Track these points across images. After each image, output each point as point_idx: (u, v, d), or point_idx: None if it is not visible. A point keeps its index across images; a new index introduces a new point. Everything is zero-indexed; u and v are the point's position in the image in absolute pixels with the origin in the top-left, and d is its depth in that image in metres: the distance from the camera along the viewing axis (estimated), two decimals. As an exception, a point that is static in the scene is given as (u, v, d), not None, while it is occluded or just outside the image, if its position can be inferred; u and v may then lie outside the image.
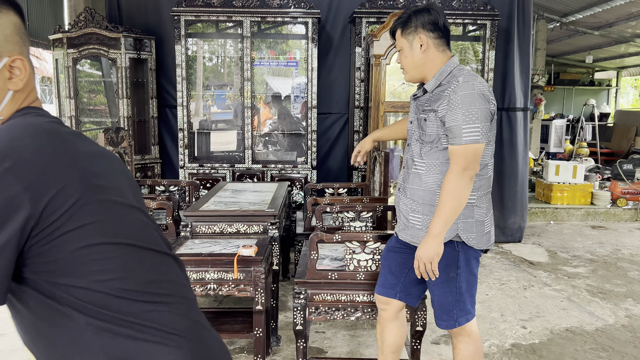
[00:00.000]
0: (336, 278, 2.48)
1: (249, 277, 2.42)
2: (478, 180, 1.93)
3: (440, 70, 1.95)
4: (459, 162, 1.84)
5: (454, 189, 1.84)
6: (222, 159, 5.14)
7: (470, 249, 1.96)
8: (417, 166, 2.01)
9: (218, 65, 5.99)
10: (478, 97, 1.82)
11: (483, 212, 1.98)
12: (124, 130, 3.79)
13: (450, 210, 1.85)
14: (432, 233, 1.88)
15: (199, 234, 2.89)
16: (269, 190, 3.61)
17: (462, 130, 1.83)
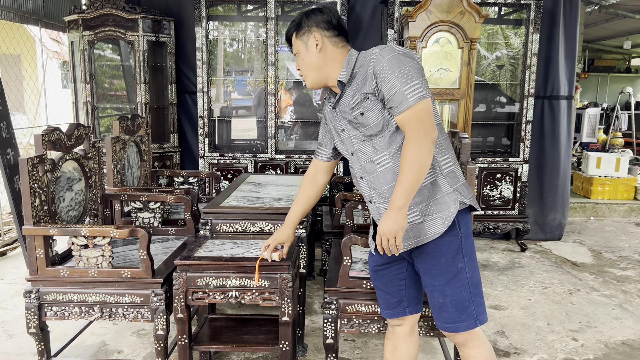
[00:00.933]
0: (372, 287, 2.20)
1: (274, 284, 2.16)
2: (444, 140, 1.80)
3: (346, 60, 1.82)
4: (414, 126, 1.64)
5: (416, 155, 1.63)
6: (243, 148, 4.89)
7: (466, 217, 1.80)
8: (381, 162, 1.80)
9: (239, 51, 5.73)
10: (403, 57, 1.67)
11: (458, 170, 1.84)
12: (140, 118, 3.55)
13: (413, 180, 1.64)
14: (396, 206, 1.67)
15: (219, 233, 2.63)
16: (294, 184, 3.34)
17: (404, 92, 1.64)
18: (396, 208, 1.66)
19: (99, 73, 4.86)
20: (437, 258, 1.78)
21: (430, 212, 1.76)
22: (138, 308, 2.31)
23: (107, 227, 2.26)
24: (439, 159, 1.77)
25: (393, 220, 1.67)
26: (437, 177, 1.76)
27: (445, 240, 1.76)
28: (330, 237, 3.14)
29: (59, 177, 2.50)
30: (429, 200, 1.76)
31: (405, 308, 1.93)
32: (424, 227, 1.77)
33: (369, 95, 1.72)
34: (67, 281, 2.31)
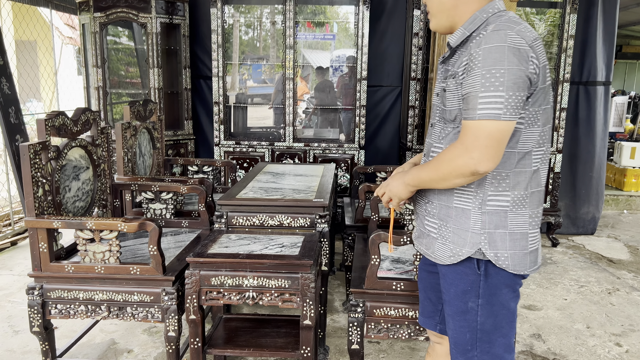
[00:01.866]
0: (402, 289, 2.00)
1: (295, 285, 1.96)
2: (514, 175, 1.39)
3: (473, 16, 1.41)
4: (466, 140, 1.32)
5: (447, 164, 1.36)
6: (260, 136, 4.69)
7: (501, 272, 1.42)
8: (434, 154, 1.52)
9: (254, 39, 5.51)
10: (509, 53, 1.27)
11: (524, 221, 1.41)
12: (152, 103, 3.36)
13: (429, 178, 1.43)
14: (407, 178, 1.51)
15: (235, 227, 2.45)
16: (314, 174, 3.13)
17: (477, 100, 1.29)
18: (406, 179, 1.50)
19: (114, 60, 4.68)
20: (448, 284, 1.50)
21: (445, 234, 1.47)
22: (148, 307, 2.14)
23: (115, 220, 2.08)
24: (489, 192, 1.40)
25: (396, 185, 1.54)
26: (471, 207, 1.41)
27: (459, 269, 1.46)
28: (353, 232, 2.93)
29: (64, 166, 2.33)
30: (448, 224, 1.46)
31: (437, 324, 1.69)
32: (434, 245, 1.51)
33: (457, 74, 1.39)
34: (72, 277, 2.14)
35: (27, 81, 7.49)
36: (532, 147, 1.39)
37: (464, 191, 1.42)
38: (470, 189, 1.41)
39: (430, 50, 3.91)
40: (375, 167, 3.50)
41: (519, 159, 1.39)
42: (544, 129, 1.40)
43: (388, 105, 4.71)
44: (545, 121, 1.40)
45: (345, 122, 4.69)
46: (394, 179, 1.57)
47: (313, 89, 4.93)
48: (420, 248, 1.59)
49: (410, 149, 4.30)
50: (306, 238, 2.23)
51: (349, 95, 4.54)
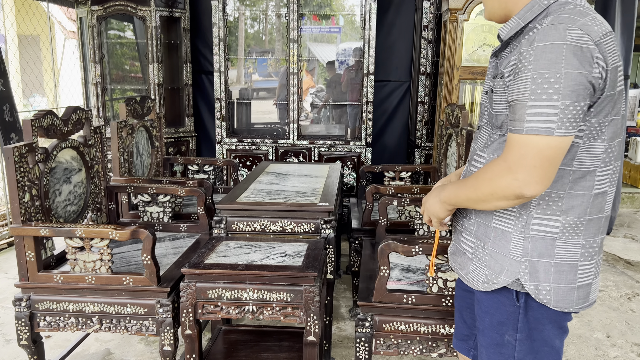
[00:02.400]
0: (414, 302, 1.86)
1: (298, 298, 1.82)
2: (567, 198, 1.18)
3: (531, 3, 1.18)
4: (509, 156, 1.12)
5: (486, 184, 1.17)
6: (264, 133, 4.54)
7: (542, 307, 1.22)
8: (477, 163, 1.33)
9: (260, 32, 5.36)
10: (568, 53, 1.05)
11: (575, 252, 1.20)
12: (150, 100, 3.22)
13: (467, 197, 1.26)
14: (442, 197, 1.36)
15: (235, 232, 2.31)
16: (319, 175, 2.99)
17: (526, 109, 1.09)
18: (443, 197, 1.35)
19: (118, 54, 4.55)
20: (482, 312, 1.32)
21: (481, 256, 1.29)
22: (142, 320, 2.01)
23: (105, 228, 1.94)
24: (534, 215, 1.20)
25: (432, 203, 1.40)
26: (512, 229, 1.23)
27: (495, 298, 1.28)
28: (360, 235, 2.79)
29: (53, 168, 2.20)
30: (486, 245, 1.28)
31: (470, 349, 1.52)
32: (469, 267, 1.33)
33: (504, 75, 1.19)
34: (61, 288, 2.01)
35: (30, 77, 7.38)
36: (595, 165, 1.17)
37: (505, 210, 1.24)
38: (513, 209, 1.22)
39: (441, 44, 3.74)
40: (383, 167, 3.35)
41: (576, 179, 1.17)
42: (612, 144, 1.17)
43: (396, 101, 4.55)
44: (614, 134, 1.16)
45: (351, 118, 4.54)
46: (431, 195, 1.42)
47: (319, 84, 4.77)
48: (454, 267, 1.42)
49: (419, 146, 4.14)
50: (310, 246, 2.09)
51: (355, 91, 4.38)
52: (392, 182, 3.34)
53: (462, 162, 2.75)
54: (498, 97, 1.22)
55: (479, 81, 3.49)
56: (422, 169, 3.40)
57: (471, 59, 3.41)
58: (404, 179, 3.33)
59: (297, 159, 4.20)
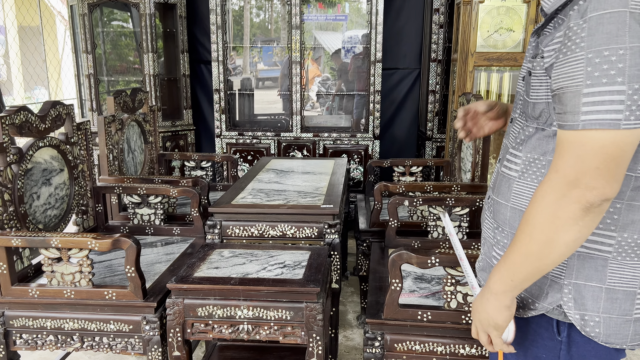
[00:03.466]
0: (430, 319, 1.64)
1: (299, 316, 1.62)
2: (627, 210, 0.95)
3: None
4: (562, 163, 0.88)
5: (546, 216, 0.89)
6: (266, 125, 4.32)
7: (589, 343, 1.01)
8: (510, 161, 1.08)
9: (265, 21, 5.12)
10: (632, 23, 0.81)
11: (633, 276, 0.97)
12: (142, 92, 3.01)
13: (530, 254, 0.93)
14: (491, 288, 1.01)
15: (231, 237, 2.10)
16: (323, 172, 2.77)
17: (580, 97, 0.85)
18: (492, 290, 1.01)
19: (114, 44, 4.33)
20: (522, 339, 1.09)
21: None
22: (127, 337, 1.81)
23: (84, 237, 1.74)
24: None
25: (483, 308, 1.03)
26: None
27: (531, 327, 1.07)
28: (368, 237, 2.57)
29: (29, 170, 2.00)
30: None
31: None
32: None
33: (544, 53, 0.98)
34: (37, 303, 1.82)
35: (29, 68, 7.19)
36: None
37: None
38: None
39: (453, 28, 3.49)
40: (392, 161, 3.12)
41: (638, 188, 0.94)
42: None
43: (405, 90, 4.31)
44: None
45: (358, 109, 4.30)
46: (478, 301, 1.06)
47: (325, 72, 4.53)
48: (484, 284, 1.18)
49: (430, 138, 3.90)
50: (313, 255, 1.88)
51: (362, 79, 4.13)
52: (402, 178, 3.12)
53: (479, 156, 2.53)
54: (537, 81, 0.99)
55: (494, 68, 3.25)
56: (434, 163, 3.17)
57: (487, 44, 3.16)
58: (414, 174, 3.11)
59: (301, 153, 3.98)
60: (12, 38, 8.38)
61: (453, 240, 1.27)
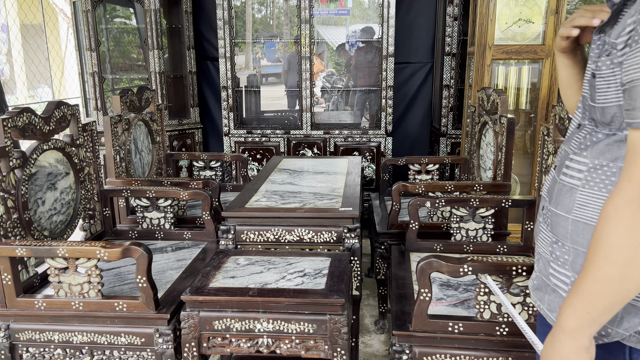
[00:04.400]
0: (462, 331, 1.54)
1: (322, 329, 1.52)
2: None
3: None
4: (634, 170, 0.79)
5: (624, 232, 0.79)
6: (274, 122, 4.21)
7: None
8: (570, 171, 0.97)
9: (267, 17, 5.00)
10: None
11: None
12: (149, 91, 2.91)
13: (608, 279, 0.81)
14: (563, 326, 0.88)
15: (245, 243, 2.01)
16: (337, 172, 2.67)
17: None
18: (564, 329, 0.88)
19: (118, 41, 4.23)
20: None
21: None
22: (139, 351, 1.72)
23: (92, 246, 1.65)
24: None
25: (556, 355, 0.89)
26: None
27: (601, 355, 0.93)
28: (386, 240, 2.47)
29: (34, 174, 1.90)
30: None
31: None
32: None
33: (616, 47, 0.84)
34: (44, 315, 1.73)
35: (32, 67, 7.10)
36: None
37: None
38: None
39: (469, 21, 3.37)
40: (407, 159, 3.01)
41: None
42: None
43: (417, 85, 4.19)
44: None
45: (368, 105, 4.19)
46: (548, 346, 0.92)
47: (328, 67, 4.42)
48: (540, 306, 1.04)
49: (444, 134, 3.79)
50: (333, 262, 1.77)
51: (372, 75, 4.02)
52: (418, 176, 3.01)
53: (501, 154, 2.41)
54: (604, 83, 0.88)
55: (513, 61, 3.13)
56: (451, 160, 3.06)
57: (505, 37, 3.04)
58: (430, 172, 3.00)
59: (311, 151, 3.88)
60: (14, 36, 8.29)
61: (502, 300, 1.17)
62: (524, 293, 1.50)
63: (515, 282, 1.49)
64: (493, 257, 1.50)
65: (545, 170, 2.00)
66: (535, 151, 3.13)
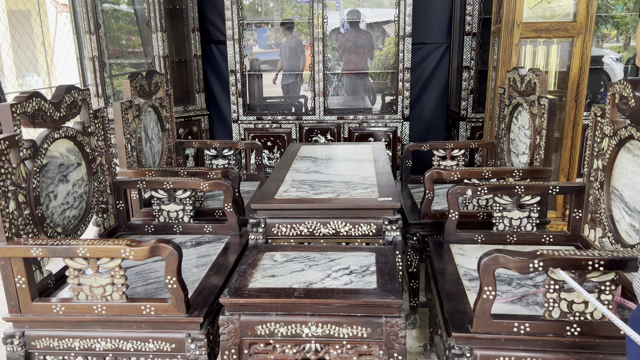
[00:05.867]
0: (528, 331, 1.40)
1: (377, 333, 1.37)
2: None
3: None
4: None
5: None
6: (283, 108, 4.04)
7: None
8: None
9: (255, 4, 4.79)
10: None
11: None
12: (158, 75, 2.73)
13: None
14: None
15: (277, 237, 1.85)
16: (364, 159, 2.51)
17: None
18: None
19: (114, 26, 4.01)
20: None
21: None
22: (169, 358, 1.57)
23: (117, 244, 1.49)
24: None
25: None
26: None
27: None
28: (418, 230, 2.33)
29: (45, 165, 1.73)
30: None
31: None
32: None
33: None
34: (63, 321, 1.57)
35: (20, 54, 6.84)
36: None
37: None
38: None
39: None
40: (431, 144, 2.86)
41: None
42: None
43: (432, 66, 4.03)
44: None
45: (375, 89, 4.02)
46: None
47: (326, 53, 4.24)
48: None
49: (464, 118, 3.64)
50: (379, 257, 1.63)
51: (362, 58, 3.85)
52: (443, 162, 2.86)
53: (539, 137, 2.27)
54: None
55: (541, 40, 2.97)
56: (477, 145, 2.91)
57: (534, 15, 2.88)
58: (456, 158, 2.85)
59: (324, 138, 3.71)
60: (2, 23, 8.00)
61: (599, 307, 1.03)
62: (598, 289, 1.37)
63: (589, 278, 1.36)
64: (565, 250, 1.36)
65: (597, 154, 1.86)
66: (565, 135, 3.00)
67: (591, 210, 1.89)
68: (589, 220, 1.91)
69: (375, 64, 4.06)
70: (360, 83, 4.10)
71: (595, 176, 1.85)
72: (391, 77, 3.88)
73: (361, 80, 4.08)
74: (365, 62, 3.98)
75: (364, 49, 3.96)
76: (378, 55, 4.06)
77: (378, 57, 4.06)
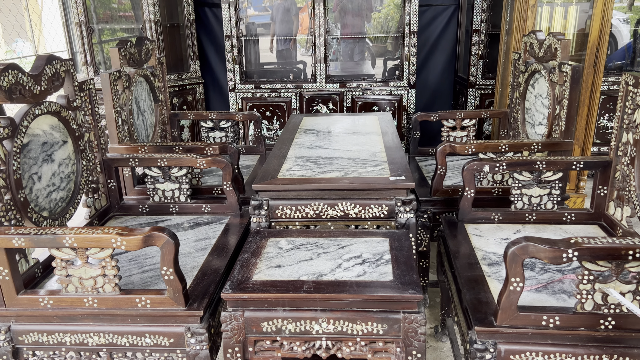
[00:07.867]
0: (558, 325, 1.29)
1: (394, 330, 1.26)
2: None
3: None
4: None
5: None
6: (282, 75, 3.85)
7: None
8: None
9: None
10: None
11: None
12: (149, 42, 2.53)
13: None
14: None
15: (280, 220, 1.72)
16: (370, 132, 2.36)
17: None
18: None
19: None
20: None
21: None
22: (168, 353, 1.46)
23: (106, 233, 1.35)
24: None
25: None
26: None
27: None
28: (429, 208, 2.20)
29: (26, 145, 1.58)
30: None
31: None
32: None
33: None
34: (51, 314, 1.45)
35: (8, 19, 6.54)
36: None
37: None
38: None
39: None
40: (440, 114, 2.70)
41: None
42: None
43: (438, 30, 3.82)
44: None
45: (375, 54, 3.83)
46: None
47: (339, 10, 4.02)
48: None
49: (473, 85, 3.46)
50: (393, 243, 1.50)
51: (358, 22, 3.63)
52: (452, 133, 2.71)
53: (559, 107, 2.11)
54: None
55: (558, 1, 2.77)
56: (489, 114, 2.75)
57: (553, -28, 2.68)
58: (466, 128, 2.70)
59: (326, 107, 3.54)
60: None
61: None
62: (636, 280, 1.25)
63: (627, 268, 1.23)
64: (602, 238, 1.23)
65: (627, 127, 1.72)
66: (581, 103, 2.84)
67: (618, 187, 1.76)
68: (615, 198, 1.78)
69: (374, 27, 3.85)
70: (358, 47, 3.89)
71: (624, 150, 1.71)
72: (393, 41, 3.68)
73: (359, 45, 3.87)
74: (362, 25, 3.76)
75: (361, 11, 3.74)
76: (377, 17, 3.85)
77: (377, 19, 3.85)
